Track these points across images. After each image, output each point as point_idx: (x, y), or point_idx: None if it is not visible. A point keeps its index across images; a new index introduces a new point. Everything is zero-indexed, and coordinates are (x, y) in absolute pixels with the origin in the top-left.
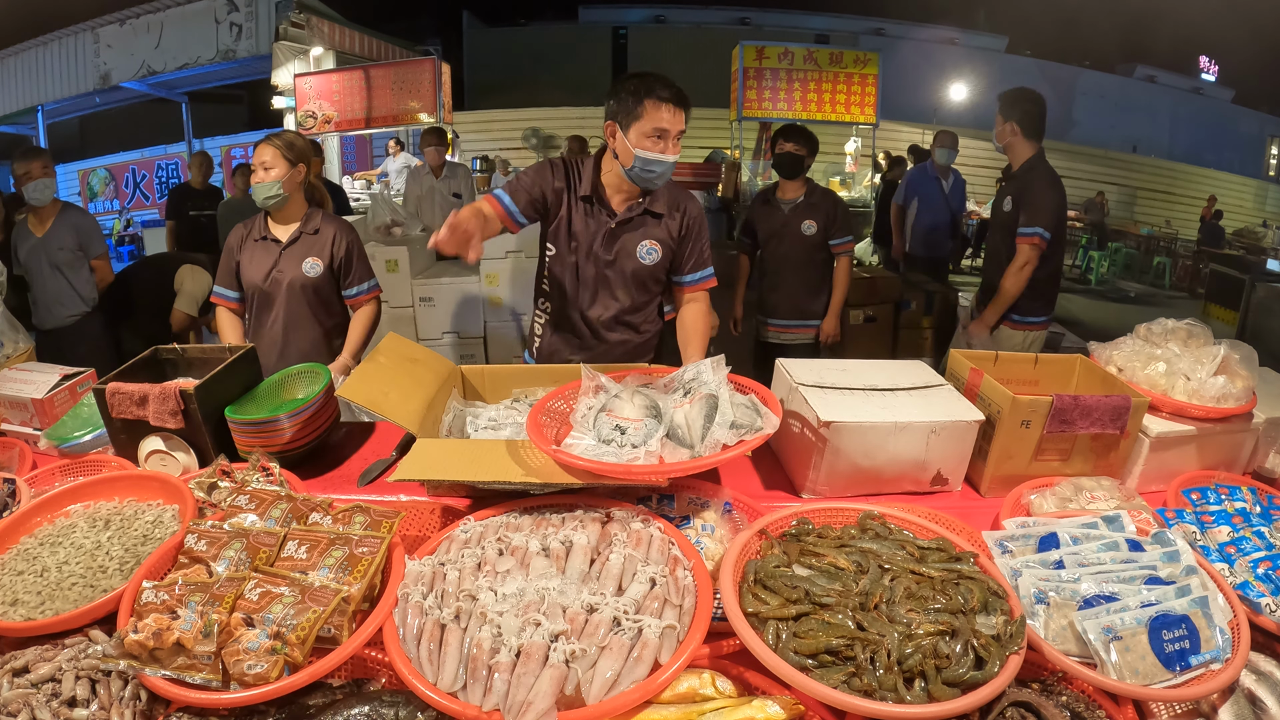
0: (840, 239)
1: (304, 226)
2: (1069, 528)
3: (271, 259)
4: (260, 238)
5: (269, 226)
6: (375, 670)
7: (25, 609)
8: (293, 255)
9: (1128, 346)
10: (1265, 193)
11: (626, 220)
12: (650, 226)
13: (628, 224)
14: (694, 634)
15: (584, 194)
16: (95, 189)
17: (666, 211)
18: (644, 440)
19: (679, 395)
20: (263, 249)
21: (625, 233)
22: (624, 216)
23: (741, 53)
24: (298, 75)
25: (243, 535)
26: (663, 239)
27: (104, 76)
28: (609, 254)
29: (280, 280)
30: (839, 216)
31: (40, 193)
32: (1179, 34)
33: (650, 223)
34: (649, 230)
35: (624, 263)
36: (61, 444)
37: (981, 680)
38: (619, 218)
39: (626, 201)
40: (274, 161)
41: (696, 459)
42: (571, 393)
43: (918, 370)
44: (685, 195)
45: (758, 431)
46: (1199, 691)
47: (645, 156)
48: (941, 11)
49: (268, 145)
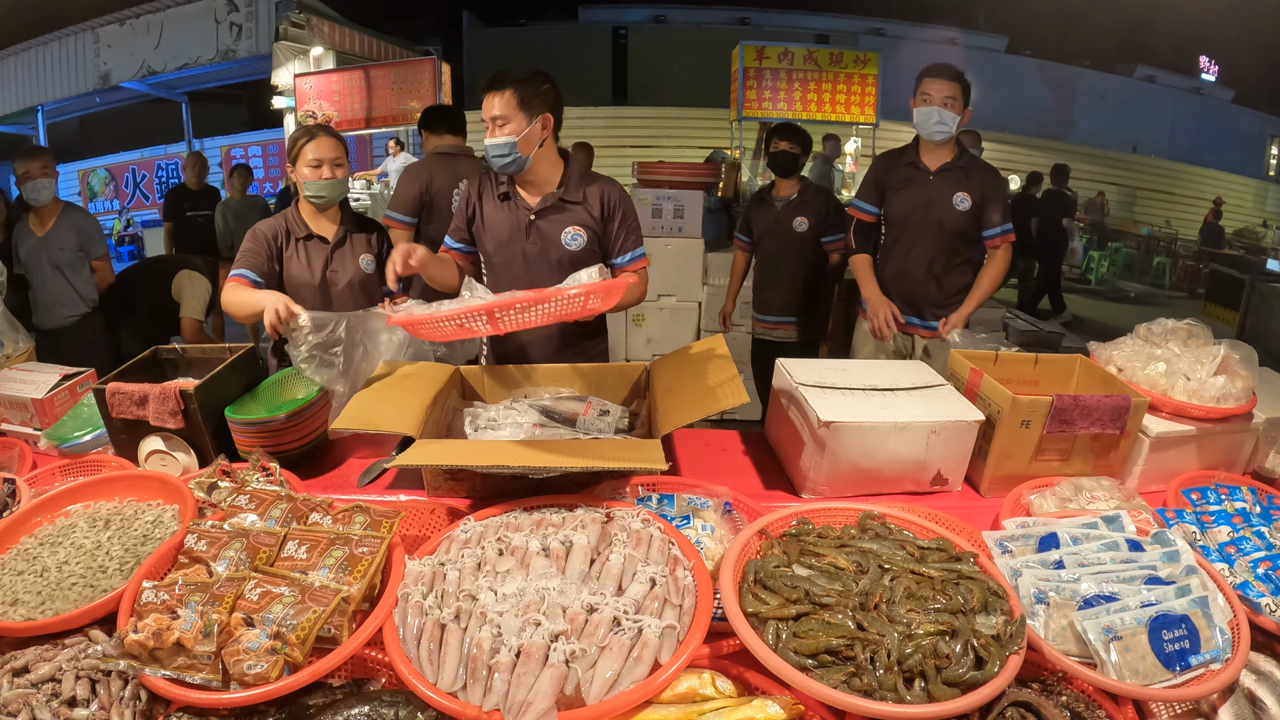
0: (832, 236)
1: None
2: (1069, 528)
3: (322, 259)
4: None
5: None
6: (375, 670)
7: (25, 609)
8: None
9: (1128, 346)
10: (1265, 193)
11: (543, 210)
12: (570, 213)
13: (545, 214)
14: (694, 634)
15: (501, 193)
16: (95, 189)
17: (585, 198)
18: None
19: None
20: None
21: (544, 222)
22: (540, 207)
23: (741, 53)
24: (298, 75)
25: (243, 535)
26: (586, 223)
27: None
28: (534, 246)
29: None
30: (831, 214)
31: (39, 193)
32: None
33: (570, 209)
34: (569, 217)
35: (549, 251)
36: (61, 444)
37: (981, 680)
38: (535, 209)
39: (540, 193)
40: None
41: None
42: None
43: (918, 370)
44: (603, 180)
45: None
46: (1199, 691)
47: (486, 143)
48: (941, 11)
49: (326, 139)
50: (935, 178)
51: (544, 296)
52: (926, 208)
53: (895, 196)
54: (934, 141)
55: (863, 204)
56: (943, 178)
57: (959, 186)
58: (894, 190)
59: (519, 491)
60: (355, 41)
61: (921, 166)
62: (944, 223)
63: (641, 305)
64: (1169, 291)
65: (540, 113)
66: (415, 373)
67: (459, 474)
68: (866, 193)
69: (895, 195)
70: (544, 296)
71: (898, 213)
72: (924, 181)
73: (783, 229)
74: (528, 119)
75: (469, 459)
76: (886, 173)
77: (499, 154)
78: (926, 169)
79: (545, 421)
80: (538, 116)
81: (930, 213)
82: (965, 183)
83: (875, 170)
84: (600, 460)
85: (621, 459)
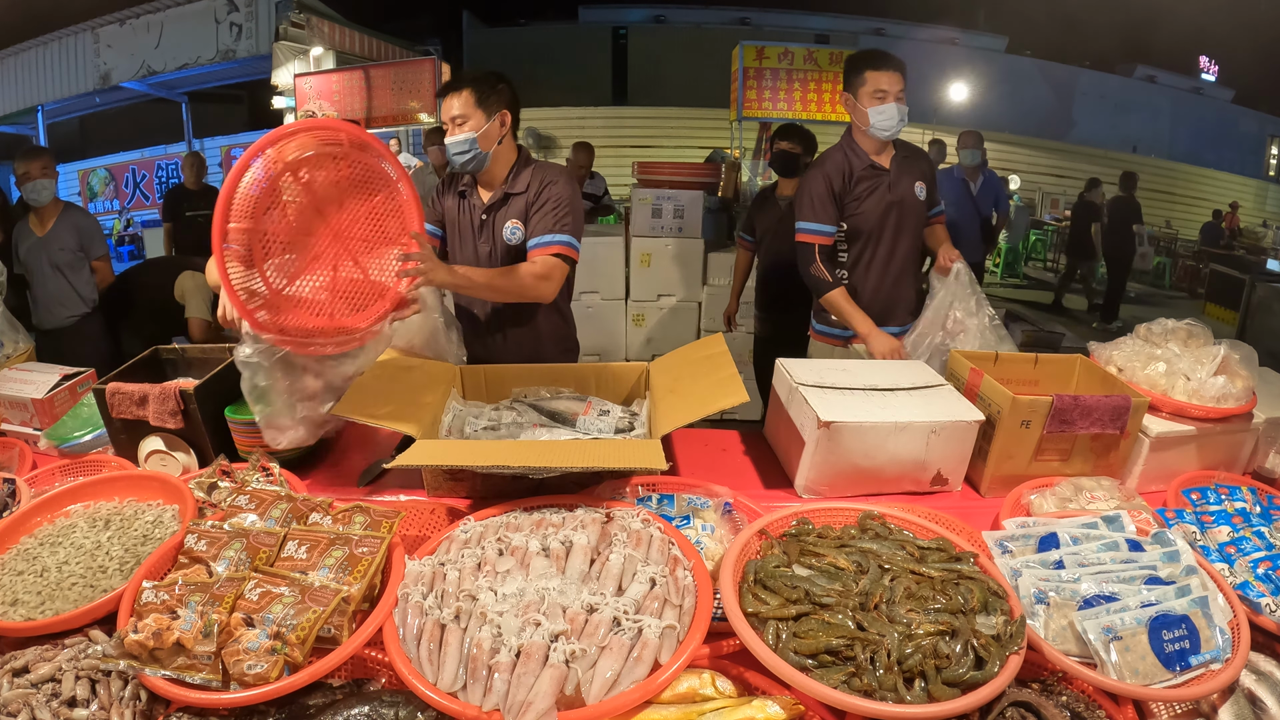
0: None
1: None
2: (1069, 528)
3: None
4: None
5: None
6: (375, 670)
7: (25, 609)
8: None
9: (1128, 346)
10: (1265, 193)
11: (492, 205)
12: (513, 206)
13: (494, 209)
14: (694, 634)
15: (460, 189)
16: (95, 189)
17: (526, 189)
18: None
19: None
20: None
21: (493, 217)
22: (489, 203)
23: (741, 53)
24: (298, 75)
25: (243, 535)
26: (522, 214)
27: (104, 76)
28: (484, 241)
29: None
30: None
31: (38, 193)
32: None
33: (514, 202)
34: (511, 210)
35: (495, 247)
36: (61, 444)
37: (981, 680)
38: (485, 204)
39: (491, 187)
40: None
41: None
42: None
43: (918, 370)
44: (548, 169)
45: None
46: (1199, 691)
47: (446, 142)
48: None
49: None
50: (894, 175)
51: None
52: (899, 208)
53: (862, 205)
54: (884, 139)
55: (820, 225)
56: (900, 172)
57: (915, 177)
58: (859, 199)
59: (519, 491)
60: (355, 41)
61: (879, 167)
62: (916, 218)
63: (641, 305)
64: (1169, 291)
65: (498, 110)
66: (416, 366)
67: (459, 474)
68: (821, 212)
69: (861, 204)
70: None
71: (869, 223)
72: (886, 182)
73: (785, 228)
74: (485, 116)
75: (469, 459)
76: (843, 182)
77: (459, 151)
78: (884, 168)
79: (545, 421)
80: (495, 114)
81: (904, 213)
82: (915, 171)
83: (826, 184)
84: (600, 461)
85: (621, 459)
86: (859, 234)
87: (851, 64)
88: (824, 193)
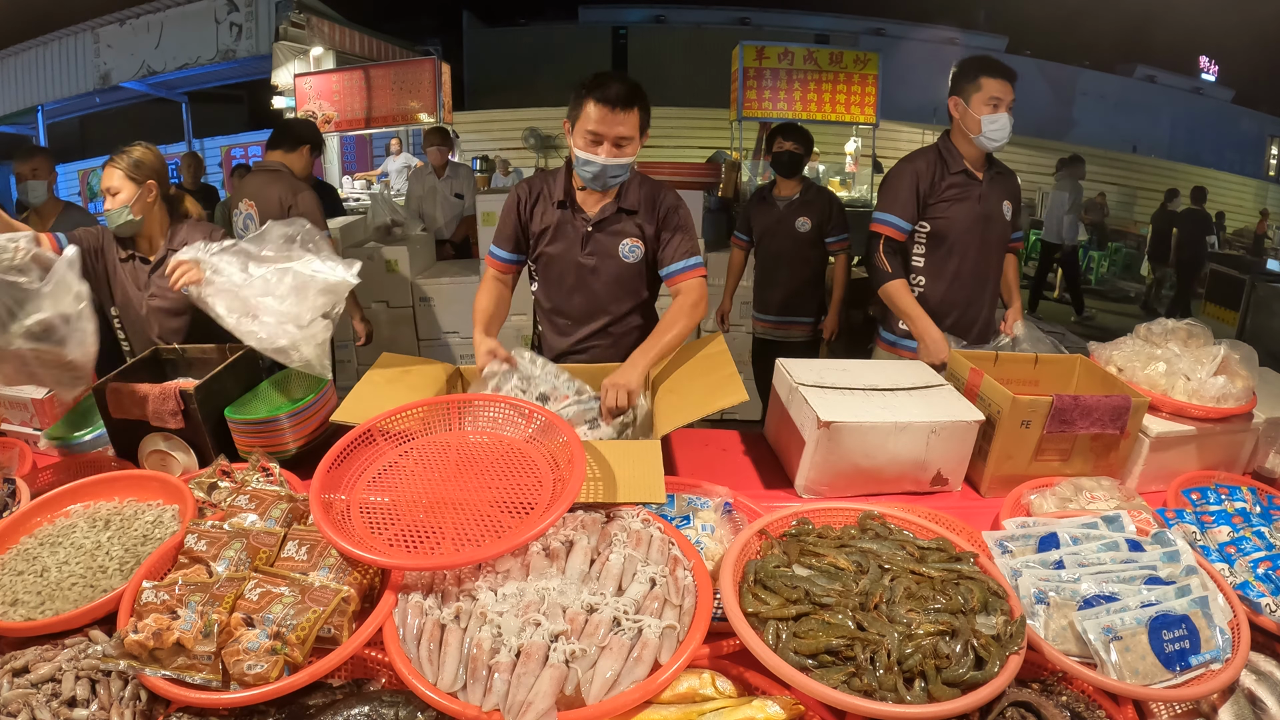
0: (836, 237)
1: (169, 244)
2: (1069, 528)
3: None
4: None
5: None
6: (375, 670)
7: (25, 609)
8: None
9: (1128, 346)
10: (1265, 193)
11: (600, 221)
12: (627, 224)
13: (603, 225)
14: (694, 634)
15: (558, 200)
16: (95, 189)
17: (641, 207)
18: None
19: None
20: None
21: (602, 234)
22: (598, 218)
23: (741, 53)
24: (298, 75)
25: (243, 535)
26: (641, 235)
27: (104, 76)
28: (589, 257)
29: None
30: (834, 215)
31: (34, 194)
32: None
33: (626, 220)
34: (626, 228)
35: (604, 264)
36: (61, 444)
37: (981, 680)
38: (593, 219)
39: (600, 202)
40: (120, 185)
41: None
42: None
43: (918, 370)
44: (659, 187)
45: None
46: (1199, 691)
47: (581, 156)
48: (941, 11)
49: (112, 168)
50: (986, 187)
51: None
52: (986, 221)
53: (949, 210)
54: (991, 149)
55: (896, 219)
56: (991, 187)
57: (1004, 194)
58: (946, 202)
59: None
60: (355, 41)
61: (973, 175)
62: (1001, 237)
63: None
64: (1169, 291)
65: (646, 130)
66: (414, 369)
67: None
68: (902, 205)
69: (949, 208)
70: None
71: (955, 228)
72: (978, 192)
73: (785, 229)
74: (640, 141)
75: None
76: (931, 182)
77: (616, 175)
78: (977, 178)
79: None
80: (644, 134)
81: (990, 228)
82: (1004, 190)
83: (912, 180)
84: (595, 495)
85: (620, 490)
86: (942, 240)
87: (965, 69)
88: (908, 188)
